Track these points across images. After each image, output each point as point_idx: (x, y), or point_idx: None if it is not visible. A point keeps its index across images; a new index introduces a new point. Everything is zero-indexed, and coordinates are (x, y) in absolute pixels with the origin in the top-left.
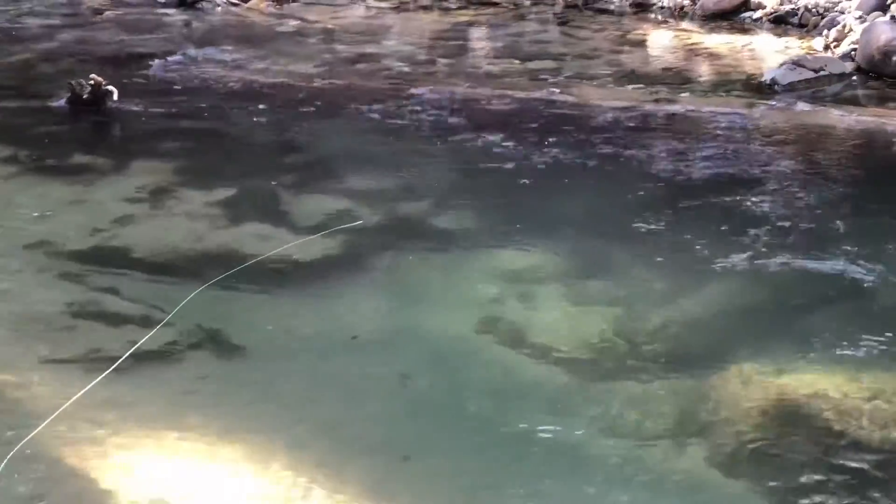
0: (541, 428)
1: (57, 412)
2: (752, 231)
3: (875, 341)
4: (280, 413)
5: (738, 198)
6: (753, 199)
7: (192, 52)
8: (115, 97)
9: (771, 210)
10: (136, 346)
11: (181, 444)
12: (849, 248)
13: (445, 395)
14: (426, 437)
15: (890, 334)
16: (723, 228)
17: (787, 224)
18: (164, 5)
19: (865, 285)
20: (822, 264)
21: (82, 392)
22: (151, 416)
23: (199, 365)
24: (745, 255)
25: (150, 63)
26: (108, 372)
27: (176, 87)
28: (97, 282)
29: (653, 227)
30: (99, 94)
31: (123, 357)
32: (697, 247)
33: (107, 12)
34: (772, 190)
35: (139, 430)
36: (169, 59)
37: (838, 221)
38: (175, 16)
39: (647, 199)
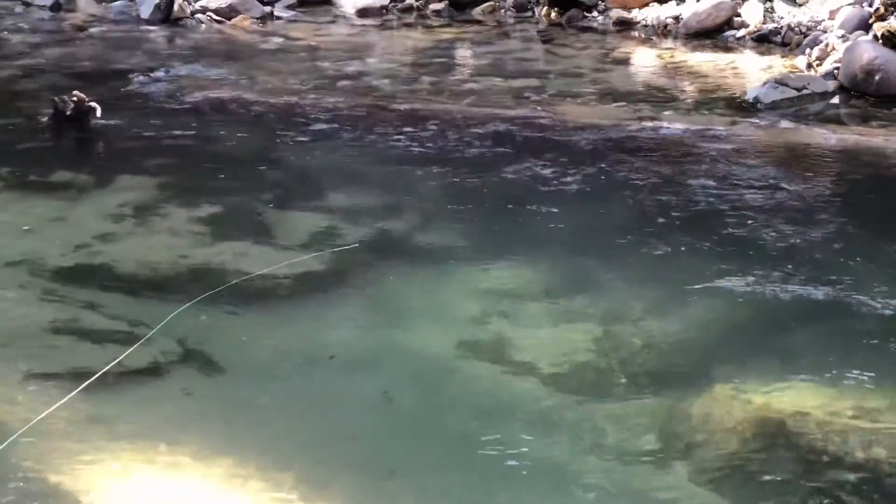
0: (524, 445)
1: (24, 428)
2: (737, 250)
3: (858, 361)
4: (262, 430)
5: (721, 217)
6: (737, 218)
7: (175, 68)
8: (99, 114)
9: (755, 229)
10: (114, 362)
11: (160, 461)
12: (833, 267)
13: (428, 412)
14: (409, 455)
15: (874, 354)
16: (707, 248)
17: (771, 244)
18: (148, 22)
19: (849, 305)
20: (806, 284)
21: (53, 408)
22: (131, 432)
23: (181, 382)
24: (729, 275)
25: (134, 80)
26: (80, 388)
27: (159, 103)
28: (80, 298)
29: (636, 246)
30: (82, 111)
31: (98, 374)
32: (681, 266)
33: (90, 29)
34: (755, 209)
35: (118, 446)
36: (153, 75)
37: (823, 241)
38: (159, 33)
39: (629, 218)
